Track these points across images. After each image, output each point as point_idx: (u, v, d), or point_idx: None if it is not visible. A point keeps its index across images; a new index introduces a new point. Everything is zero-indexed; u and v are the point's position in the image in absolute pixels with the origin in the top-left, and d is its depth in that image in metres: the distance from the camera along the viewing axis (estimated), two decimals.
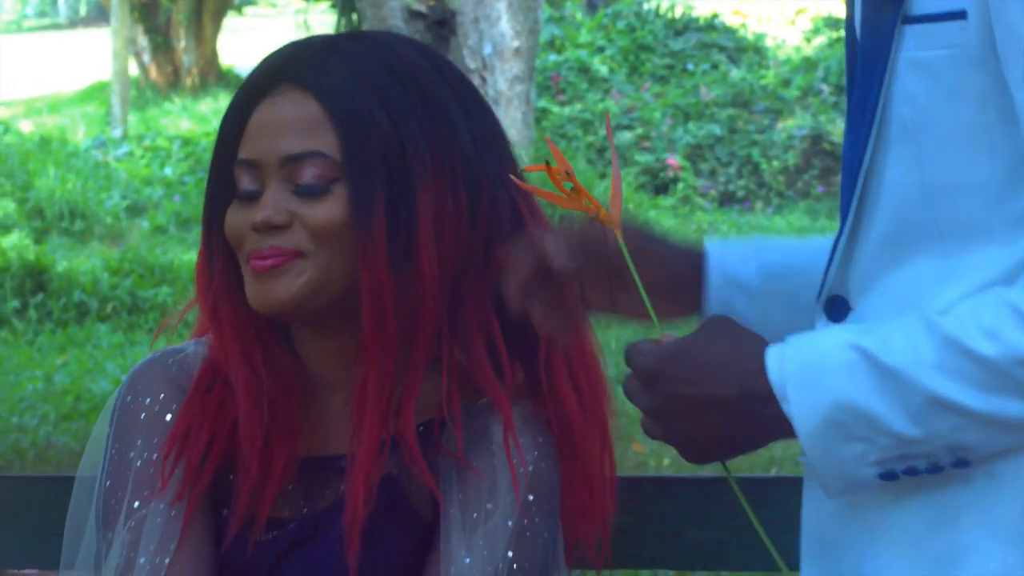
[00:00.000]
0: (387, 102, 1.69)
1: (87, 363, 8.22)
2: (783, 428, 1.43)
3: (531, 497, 1.69)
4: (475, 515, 1.68)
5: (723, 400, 1.43)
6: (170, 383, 1.75)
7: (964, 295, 1.41)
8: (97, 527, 1.74)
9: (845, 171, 1.51)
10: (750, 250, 1.71)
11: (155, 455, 1.71)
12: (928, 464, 1.40)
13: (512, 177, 1.65)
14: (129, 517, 1.69)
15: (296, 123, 1.68)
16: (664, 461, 6.23)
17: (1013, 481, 1.41)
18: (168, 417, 1.73)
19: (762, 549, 2.02)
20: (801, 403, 1.40)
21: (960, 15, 1.40)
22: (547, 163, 1.51)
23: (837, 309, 1.51)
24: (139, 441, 1.72)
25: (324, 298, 1.68)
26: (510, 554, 1.67)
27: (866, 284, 1.49)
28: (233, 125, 1.72)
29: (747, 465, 5.71)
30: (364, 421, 1.67)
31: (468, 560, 1.66)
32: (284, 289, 1.66)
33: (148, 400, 1.74)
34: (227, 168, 1.72)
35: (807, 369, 1.41)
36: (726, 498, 2.02)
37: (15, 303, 9.31)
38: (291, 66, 1.71)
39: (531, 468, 1.70)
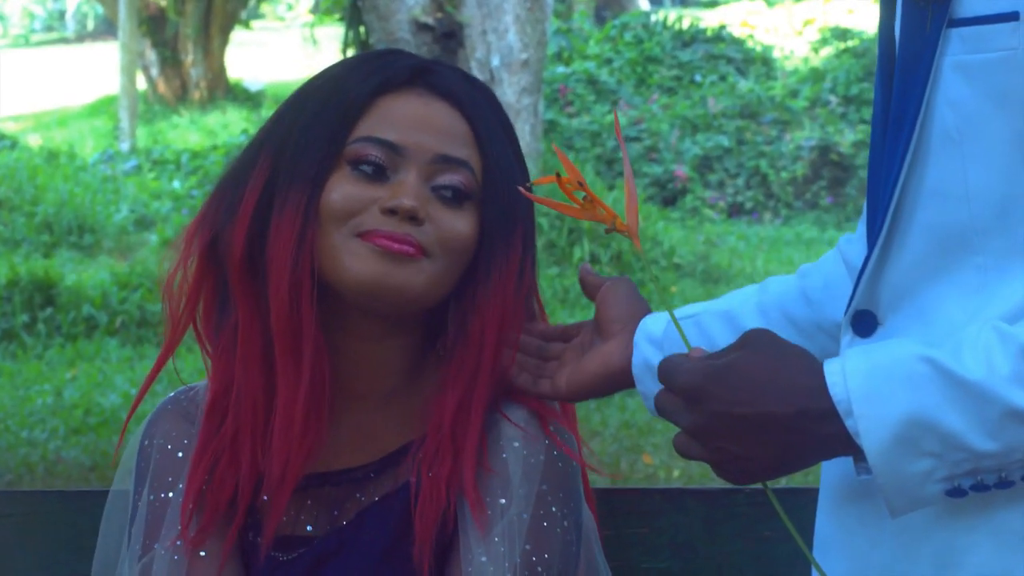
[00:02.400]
0: (512, 143, 1.78)
1: (96, 377, 8.21)
2: (836, 447, 1.38)
3: (544, 487, 1.69)
4: (490, 513, 1.67)
5: (776, 419, 1.37)
6: (181, 418, 1.76)
7: (1008, 310, 1.37)
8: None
9: (874, 181, 1.47)
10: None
11: (168, 493, 1.72)
12: (997, 479, 1.35)
13: (521, 189, 1.66)
14: (144, 555, 1.70)
15: (449, 130, 1.72)
16: (674, 473, 6.22)
17: None
18: (180, 454, 1.74)
19: (772, 562, 2.02)
20: (869, 418, 1.34)
21: (1012, 17, 1.36)
22: (558, 174, 1.47)
23: (864, 324, 1.47)
24: (153, 482, 1.74)
25: (425, 303, 1.70)
26: (527, 547, 1.66)
27: (899, 298, 1.45)
28: (356, 100, 1.71)
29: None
30: (466, 444, 1.69)
31: (484, 559, 1.65)
32: (408, 279, 1.66)
33: (161, 441, 1.75)
34: (332, 137, 1.70)
35: (874, 383, 1.34)
36: (737, 510, 2.03)
37: (24, 317, 9.31)
38: (434, 76, 1.75)
39: (542, 457, 1.70)
